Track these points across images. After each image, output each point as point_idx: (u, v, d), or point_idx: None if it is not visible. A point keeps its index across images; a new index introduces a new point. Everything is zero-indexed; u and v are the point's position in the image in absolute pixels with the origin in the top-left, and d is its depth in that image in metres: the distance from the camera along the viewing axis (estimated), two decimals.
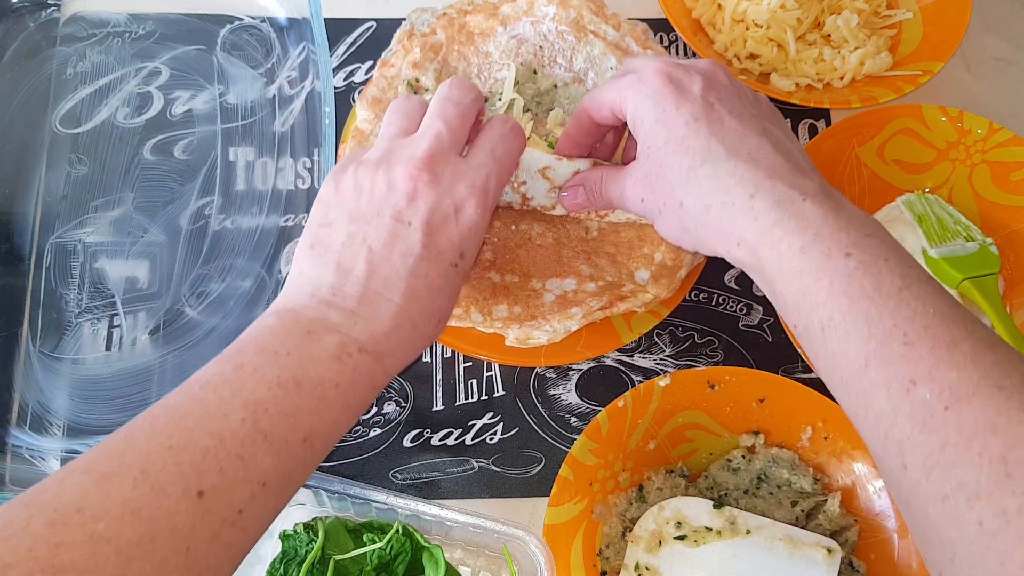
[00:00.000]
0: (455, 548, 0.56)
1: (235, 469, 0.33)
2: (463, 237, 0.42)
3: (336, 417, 0.37)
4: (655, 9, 0.69)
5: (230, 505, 0.33)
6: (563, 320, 0.53)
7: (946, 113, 0.63)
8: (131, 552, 0.30)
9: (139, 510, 0.31)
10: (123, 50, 0.68)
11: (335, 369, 0.37)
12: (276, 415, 0.35)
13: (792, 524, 0.52)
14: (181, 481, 0.32)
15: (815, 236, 0.38)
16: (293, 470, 0.36)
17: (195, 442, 0.33)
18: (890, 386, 0.34)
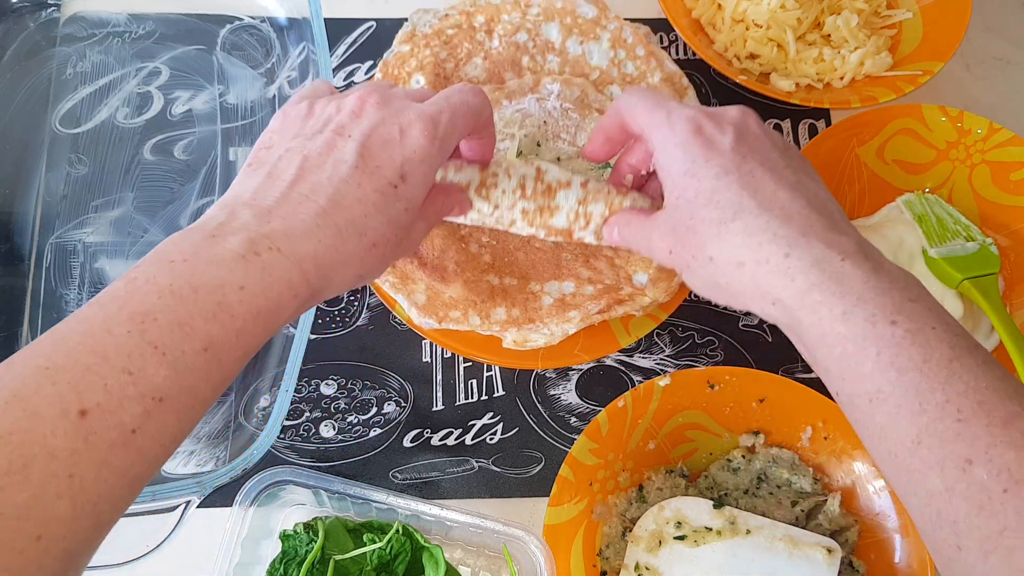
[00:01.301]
0: (455, 548, 0.56)
1: (122, 385, 0.30)
2: (405, 159, 0.40)
3: (242, 324, 0.34)
4: (655, 9, 0.69)
5: (120, 424, 0.30)
6: (561, 323, 0.53)
7: (946, 113, 0.63)
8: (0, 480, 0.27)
9: (8, 435, 0.28)
10: (123, 50, 0.68)
11: (239, 270, 0.34)
12: (167, 324, 0.32)
13: (792, 524, 0.52)
14: (58, 402, 0.29)
15: (857, 300, 0.36)
16: (196, 383, 0.32)
17: (75, 361, 0.30)
18: (944, 465, 0.33)
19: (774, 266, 0.38)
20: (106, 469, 0.30)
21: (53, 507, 0.28)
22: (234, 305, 0.33)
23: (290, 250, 0.36)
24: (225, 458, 0.57)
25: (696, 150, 0.42)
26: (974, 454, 0.32)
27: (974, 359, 0.34)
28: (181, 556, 0.55)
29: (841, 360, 0.36)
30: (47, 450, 0.28)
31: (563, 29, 0.61)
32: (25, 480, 0.28)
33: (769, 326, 0.63)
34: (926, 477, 0.34)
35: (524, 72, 0.60)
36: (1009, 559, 0.31)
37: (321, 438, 0.59)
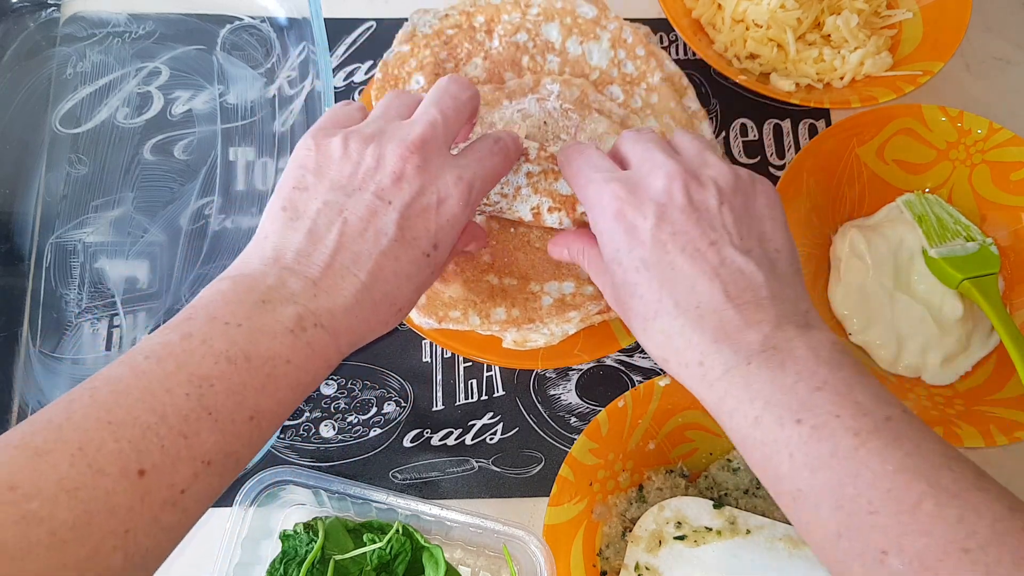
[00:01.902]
0: (455, 548, 0.56)
1: (177, 448, 0.32)
2: (440, 228, 0.41)
3: (284, 395, 0.36)
4: (655, 9, 0.69)
5: (172, 485, 0.32)
6: (561, 323, 0.53)
7: (946, 113, 0.63)
8: (65, 535, 0.28)
9: (76, 490, 0.29)
10: (123, 50, 0.68)
11: (288, 344, 0.36)
12: (222, 391, 0.33)
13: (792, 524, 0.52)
14: (120, 460, 0.30)
15: (765, 404, 0.37)
16: (238, 449, 0.34)
17: (136, 418, 0.31)
18: (864, 557, 0.34)
19: (692, 371, 0.40)
20: (156, 526, 0.31)
21: (109, 559, 0.30)
22: (280, 378, 0.36)
23: (332, 327, 0.38)
24: None
25: (619, 238, 0.42)
26: (888, 545, 0.33)
27: (880, 439, 0.35)
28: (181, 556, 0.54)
29: (763, 462, 0.38)
30: (109, 507, 0.30)
31: (563, 29, 0.61)
32: (88, 535, 0.29)
33: None
34: (850, 568, 0.35)
35: (524, 72, 0.60)
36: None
37: (321, 438, 0.59)
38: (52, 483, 0.29)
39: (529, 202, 0.51)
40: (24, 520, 0.28)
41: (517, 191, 0.51)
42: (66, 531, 0.29)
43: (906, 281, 0.61)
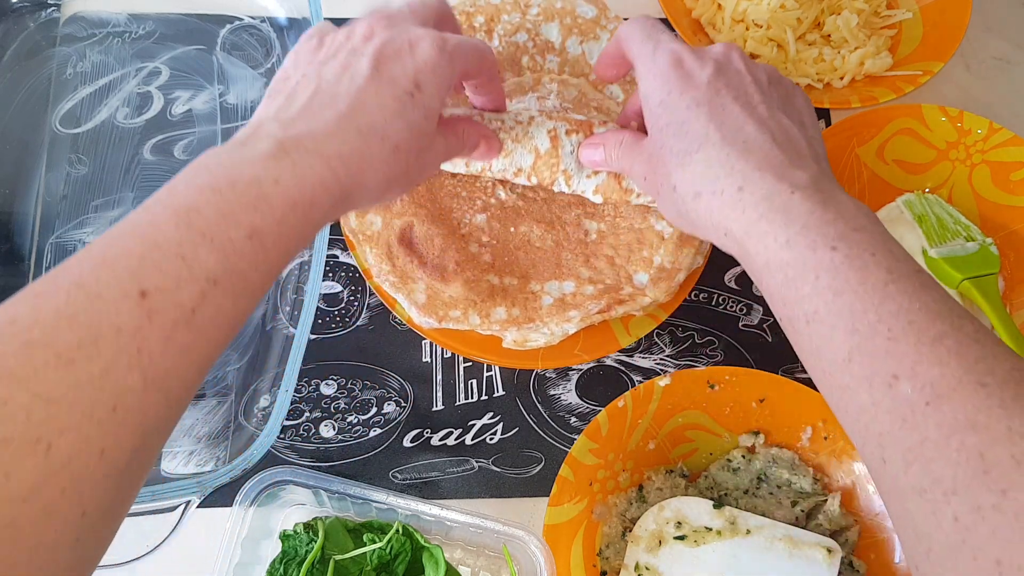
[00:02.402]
0: (455, 548, 0.56)
1: (177, 268, 0.31)
2: (418, 69, 0.41)
3: (281, 215, 0.35)
4: (655, 9, 0.69)
5: (179, 304, 0.31)
6: (561, 323, 0.53)
7: (946, 113, 0.63)
8: (72, 355, 0.28)
9: (75, 315, 0.29)
10: (123, 50, 0.68)
11: (271, 166, 0.35)
12: (211, 215, 0.33)
13: (792, 524, 0.52)
14: (118, 285, 0.30)
15: (801, 229, 0.38)
16: (245, 269, 0.34)
17: (130, 251, 0.31)
18: (872, 381, 0.34)
19: (727, 198, 0.40)
20: (171, 346, 0.31)
21: (125, 378, 0.29)
22: (271, 196, 0.35)
23: (316, 148, 0.37)
24: (225, 458, 0.57)
25: (673, 82, 0.44)
26: (901, 370, 0.33)
27: (910, 283, 0.35)
28: (181, 556, 0.55)
29: (783, 285, 0.38)
30: (114, 327, 0.29)
31: (563, 29, 0.61)
32: (97, 353, 0.29)
33: (769, 326, 0.63)
34: (856, 393, 0.35)
35: (524, 72, 0.60)
36: (927, 469, 0.32)
37: (321, 438, 0.59)
38: (50, 312, 0.29)
39: (545, 126, 0.51)
40: (27, 346, 0.28)
41: (531, 120, 0.51)
42: (72, 351, 0.28)
43: None
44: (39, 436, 0.27)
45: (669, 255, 0.55)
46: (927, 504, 0.31)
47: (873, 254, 0.36)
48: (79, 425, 0.28)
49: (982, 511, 0.30)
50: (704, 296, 0.64)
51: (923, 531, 0.32)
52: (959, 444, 0.31)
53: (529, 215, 0.56)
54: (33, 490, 0.26)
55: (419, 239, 0.54)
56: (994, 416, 0.31)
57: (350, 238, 0.56)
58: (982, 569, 0.29)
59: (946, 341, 0.33)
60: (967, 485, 0.30)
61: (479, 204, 0.56)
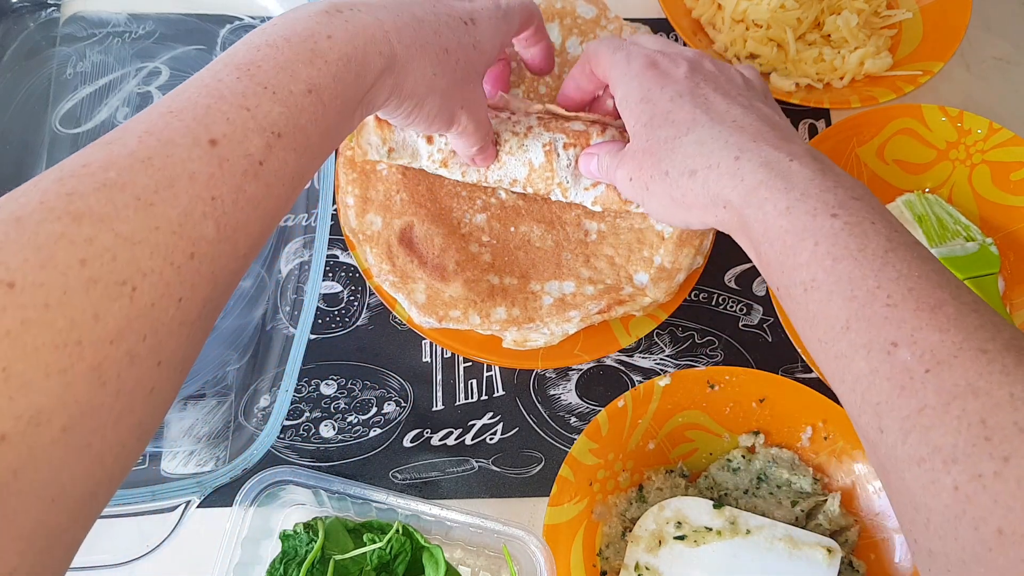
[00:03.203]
0: (455, 548, 0.56)
1: (243, 119, 0.32)
2: (475, 9, 0.44)
3: (336, 70, 0.35)
4: (655, 9, 0.69)
5: (247, 154, 0.31)
6: (561, 323, 0.53)
7: (946, 113, 0.63)
8: (151, 198, 0.28)
9: (149, 159, 0.29)
10: (123, 50, 0.68)
11: (324, 21, 0.36)
12: (271, 68, 0.33)
13: (792, 524, 0.52)
14: (188, 133, 0.30)
15: (801, 195, 0.37)
16: (306, 124, 0.34)
17: (194, 102, 0.31)
18: (871, 348, 0.33)
19: (724, 169, 0.40)
20: (242, 197, 0.31)
21: (201, 226, 0.29)
22: (326, 51, 0.35)
23: (369, 10, 0.38)
24: (225, 458, 0.57)
25: (651, 80, 0.45)
26: (900, 337, 0.32)
27: (910, 252, 0.35)
28: (181, 556, 0.55)
29: (781, 252, 0.37)
30: (188, 172, 0.29)
31: (563, 29, 0.61)
32: (174, 197, 0.29)
33: (769, 326, 0.63)
34: (852, 361, 0.34)
35: (524, 72, 0.60)
36: (926, 437, 0.31)
37: (321, 438, 0.59)
38: (125, 156, 0.29)
39: (541, 139, 0.51)
40: (105, 187, 0.27)
41: (528, 129, 0.51)
42: (150, 194, 0.28)
43: None
44: (125, 278, 0.26)
45: (669, 255, 0.55)
46: (926, 474, 0.31)
47: (873, 223, 0.36)
48: (161, 270, 0.28)
49: (983, 479, 0.29)
50: (704, 296, 0.64)
51: (921, 502, 0.31)
52: (960, 411, 0.30)
53: (529, 215, 0.56)
54: (119, 333, 0.26)
55: (419, 239, 0.54)
56: (995, 382, 0.30)
57: (350, 238, 0.56)
58: (984, 539, 0.28)
59: (946, 308, 0.33)
60: (968, 453, 0.29)
61: (479, 204, 0.56)
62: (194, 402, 0.58)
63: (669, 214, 0.44)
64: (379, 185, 0.56)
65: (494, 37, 0.44)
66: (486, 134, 0.49)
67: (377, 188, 0.56)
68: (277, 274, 0.62)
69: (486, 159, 0.52)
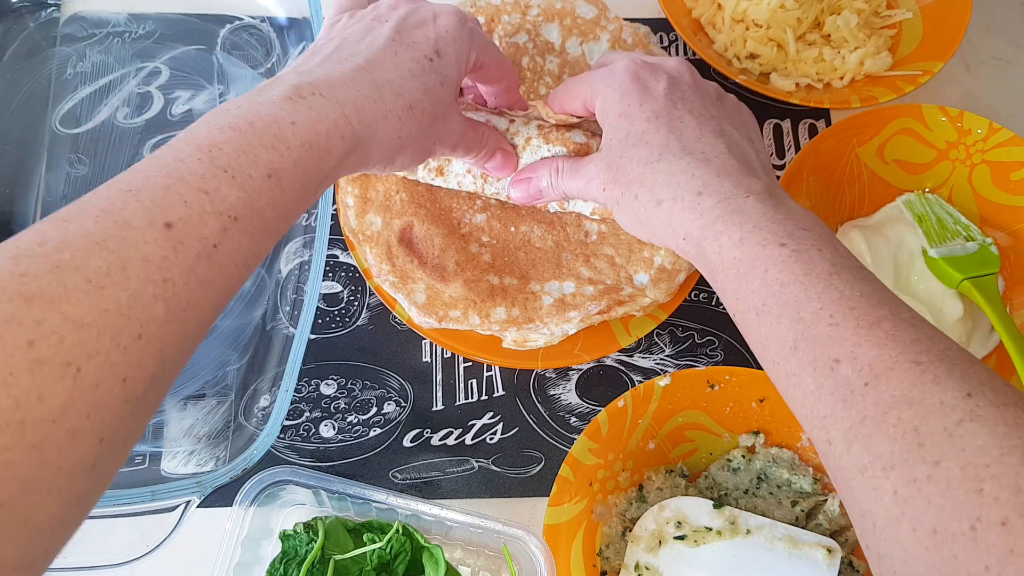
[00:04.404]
0: (455, 548, 0.56)
1: (200, 202, 0.32)
2: (439, 37, 0.43)
3: (298, 156, 0.36)
4: (655, 9, 0.69)
5: (202, 238, 0.32)
6: (561, 323, 0.53)
7: (946, 113, 0.63)
8: (102, 280, 0.29)
9: (104, 241, 0.29)
10: (123, 50, 0.68)
11: (288, 108, 0.37)
12: (232, 152, 0.34)
13: (792, 524, 0.52)
14: (145, 215, 0.31)
15: (754, 227, 0.40)
16: (264, 208, 0.35)
17: (153, 182, 0.32)
18: (816, 365, 0.35)
19: (687, 203, 0.42)
20: (193, 278, 0.31)
21: (151, 308, 0.30)
22: (288, 137, 0.36)
23: (331, 94, 0.39)
24: (225, 458, 0.57)
25: (632, 95, 0.46)
26: (842, 354, 0.35)
27: (852, 275, 0.37)
28: (181, 556, 0.55)
29: (735, 281, 0.40)
30: (141, 255, 0.30)
31: (563, 30, 0.61)
32: (126, 280, 0.29)
33: None
34: (801, 378, 0.36)
35: (524, 73, 0.60)
36: (867, 446, 0.32)
37: (321, 438, 0.59)
38: (80, 237, 0.29)
39: (540, 152, 0.51)
40: (58, 269, 0.28)
41: (528, 141, 0.51)
42: (102, 277, 0.29)
43: (906, 281, 0.61)
44: (71, 360, 0.27)
45: (669, 255, 0.55)
46: (868, 480, 0.32)
47: (819, 249, 0.38)
48: (107, 351, 0.28)
49: (918, 483, 0.30)
50: (704, 296, 0.64)
51: (867, 508, 0.33)
52: (896, 420, 0.32)
53: (529, 215, 0.56)
54: (61, 412, 0.27)
55: (419, 239, 0.54)
56: (927, 391, 0.32)
57: (350, 238, 0.56)
58: (920, 540, 0.30)
59: (884, 325, 0.35)
60: (904, 459, 0.31)
61: (479, 204, 0.56)
62: (194, 402, 0.58)
63: (635, 230, 0.47)
64: (379, 185, 0.56)
65: (459, 62, 0.45)
66: (473, 148, 0.49)
67: (377, 188, 0.56)
68: (277, 274, 0.62)
69: (500, 169, 0.52)
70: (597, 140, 0.52)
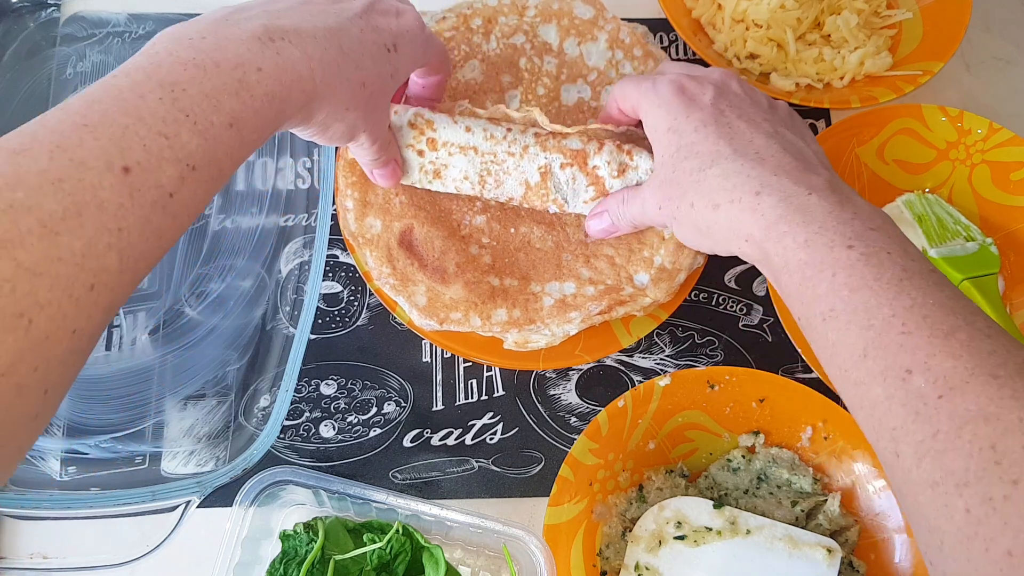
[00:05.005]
0: (455, 548, 0.56)
1: (160, 147, 0.31)
2: (400, 32, 0.44)
3: (260, 105, 0.35)
4: (655, 9, 0.69)
5: (159, 186, 0.30)
6: (562, 324, 0.53)
7: (946, 113, 0.63)
8: (56, 226, 0.27)
9: (60, 181, 0.28)
10: (123, 50, 0.68)
11: (256, 50, 0.35)
12: (196, 95, 0.32)
13: (792, 524, 0.52)
14: (103, 155, 0.29)
15: (819, 229, 0.38)
16: (222, 157, 0.33)
17: (112, 120, 0.30)
18: (886, 375, 0.34)
19: (746, 204, 0.41)
20: (148, 228, 0.30)
21: (105, 258, 0.29)
22: (253, 85, 0.35)
23: (300, 44, 0.37)
24: (225, 458, 0.57)
25: (678, 108, 0.45)
26: (914, 364, 0.33)
27: (925, 280, 0.36)
28: (181, 556, 0.55)
29: (801, 284, 0.38)
30: (97, 201, 0.29)
31: (560, 30, 0.61)
32: (80, 227, 0.28)
33: (769, 326, 0.63)
34: (870, 388, 0.35)
35: (522, 74, 0.60)
36: (940, 462, 0.32)
37: (321, 438, 0.59)
38: (34, 174, 0.28)
39: (537, 160, 0.52)
40: (12, 209, 0.27)
41: (525, 149, 0.52)
42: (56, 222, 0.27)
43: None
44: (22, 310, 0.26)
45: (669, 255, 0.55)
46: (939, 497, 0.31)
47: (889, 252, 0.37)
48: (59, 302, 0.27)
49: (994, 502, 0.30)
50: (704, 296, 0.64)
51: (935, 525, 0.32)
52: (971, 435, 0.31)
53: (530, 216, 0.56)
54: (11, 366, 0.26)
55: (419, 241, 0.54)
56: (1006, 407, 0.31)
57: (350, 241, 0.56)
58: (993, 561, 0.29)
59: (959, 335, 0.33)
60: (979, 476, 0.30)
61: (479, 205, 0.56)
62: (194, 402, 0.58)
63: (697, 242, 0.46)
64: (378, 188, 0.55)
65: (411, 63, 0.45)
66: (383, 150, 0.49)
67: (376, 191, 0.56)
68: (277, 274, 0.62)
69: (387, 178, 0.52)
70: (594, 145, 0.52)
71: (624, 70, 0.61)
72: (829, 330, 0.37)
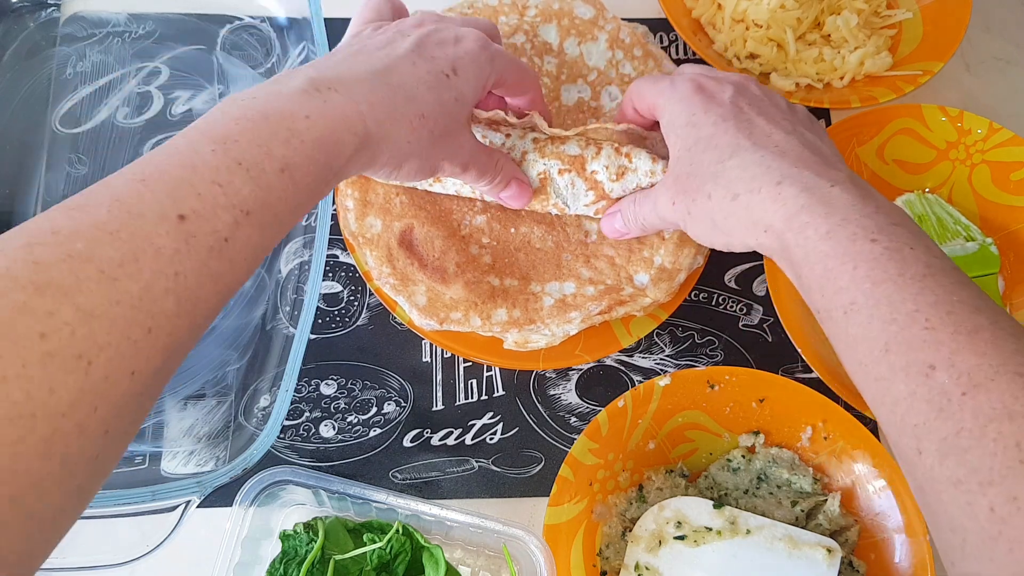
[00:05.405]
0: (455, 548, 0.56)
1: (214, 195, 0.32)
2: (458, 57, 0.44)
3: (311, 151, 0.36)
4: (655, 9, 0.69)
5: (214, 231, 0.32)
6: (562, 324, 0.53)
7: (946, 113, 0.63)
8: (114, 272, 0.28)
9: (117, 232, 0.29)
10: (123, 50, 0.68)
11: (301, 101, 0.37)
12: (247, 144, 0.34)
13: (792, 524, 0.52)
14: (157, 206, 0.30)
15: (842, 220, 0.38)
16: (275, 202, 0.34)
17: (167, 173, 0.32)
18: (909, 370, 0.34)
19: (766, 194, 0.40)
20: (204, 273, 0.31)
21: (162, 302, 0.30)
22: (302, 132, 0.36)
23: (346, 91, 0.39)
24: (225, 458, 0.57)
25: (696, 104, 0.45)
26: (938, 360, 0.33)
27: (948, 277, 0.36)
28: (181, 556, 0.55)
29: (822, 276, 0.38)
30: (154, 248, 0.30)
31: (560, 30, 0.61)
32: (138, 272, 0.29)
33: (769, 326, 0.63)
34: (892, 383, 0.34)
35: None
36: (963, 459, 0.31)
37: (321, 438, 0.59)
38: (92, 227, 0.29)
39: (535, 167, 0.52)
40: (71, 258, 0.28)
41: (524, 155, 0.51)
42: (114, 268, 0.28)
43: None
44: (81, 352, 0.27)
45: (669, 255, 0.55)
46: (962, 495, 0.31)
47: (912, 248, 0.37)
48: (118, 344, 0.28)
49: (1018, 501, 0.29)
50: (704, 296, 0.64)
51: (958, 523, 0.31)
52: (996, 433, 0.31)
53: (529, 216, 0.56)
54: (71, 406, 0.27)
55: (419, 241, 0.54)
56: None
57: (350, 241, 0.56)
58: (1018, 560, 0.29)
59: (984, 333, 0.33)
60: (1004, 475, 0.30)
61: (479, 205, 0.56)
62: (194, 402, 0.58)
63: (711, 237, 0.45)
64: (378, 188, 0.56)
65: (476, 83, 0.45)
66: (485, 173, 0.49)
67: (376, 191, 0.56)
68: (277, 274, 0.62)
69: (515, 199, 0.52)
70: (592, 150, 0.51)
71: (624, 70, 0.61)
72: (850, 324, 0.37)
